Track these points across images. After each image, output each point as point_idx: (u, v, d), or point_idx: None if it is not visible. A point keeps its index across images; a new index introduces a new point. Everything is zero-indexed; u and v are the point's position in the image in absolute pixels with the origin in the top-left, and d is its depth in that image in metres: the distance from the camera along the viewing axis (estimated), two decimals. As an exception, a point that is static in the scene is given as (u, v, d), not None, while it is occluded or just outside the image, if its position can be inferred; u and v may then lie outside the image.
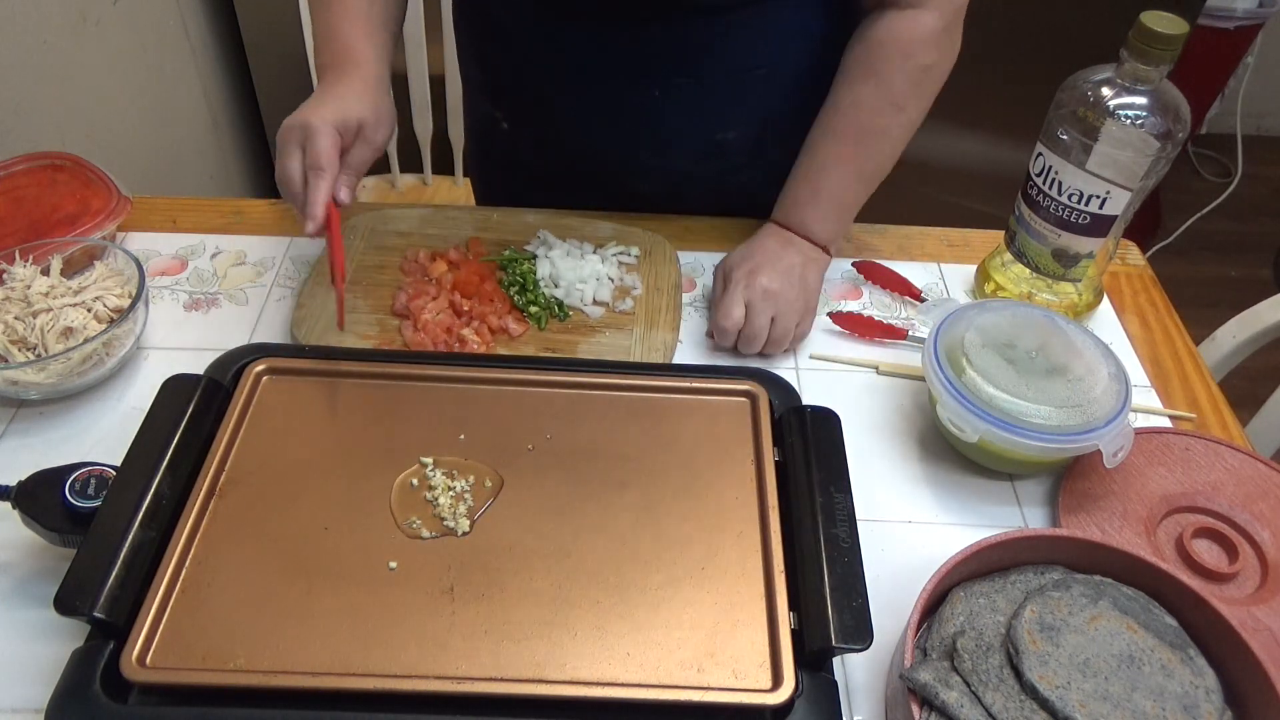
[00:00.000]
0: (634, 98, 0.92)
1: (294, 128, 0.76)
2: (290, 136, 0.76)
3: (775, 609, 0.61)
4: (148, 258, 0.94)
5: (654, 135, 0.95)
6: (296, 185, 0.76)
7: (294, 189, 0.76)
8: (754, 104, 0.92)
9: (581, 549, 0.64)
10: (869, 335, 0.90)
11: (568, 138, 0.99)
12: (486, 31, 0.97)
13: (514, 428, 0.72)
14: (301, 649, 0.58)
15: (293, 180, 0.76)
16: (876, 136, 0.87)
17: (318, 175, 0.75)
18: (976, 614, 0.61)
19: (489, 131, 1.07)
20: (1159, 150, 0.79)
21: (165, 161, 1.60)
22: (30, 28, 1.21)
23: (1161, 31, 0.75)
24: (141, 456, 0.65)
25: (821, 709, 0.57)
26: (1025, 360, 0.76)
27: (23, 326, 0.78)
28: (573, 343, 0.86)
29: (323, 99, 0.78)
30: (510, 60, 0.96)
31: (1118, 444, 0.71)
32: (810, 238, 0.90)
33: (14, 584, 0.67)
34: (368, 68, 0.82)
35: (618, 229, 0.97)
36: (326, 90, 0.80)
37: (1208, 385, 0.89)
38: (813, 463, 0.67)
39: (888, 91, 0.85)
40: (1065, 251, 0.87)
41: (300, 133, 0.75)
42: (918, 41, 0.83)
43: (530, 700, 0.57)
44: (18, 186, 0.93)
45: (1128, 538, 0.73)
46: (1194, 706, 0.56)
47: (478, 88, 1.04)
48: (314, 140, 0.75)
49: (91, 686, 0.55)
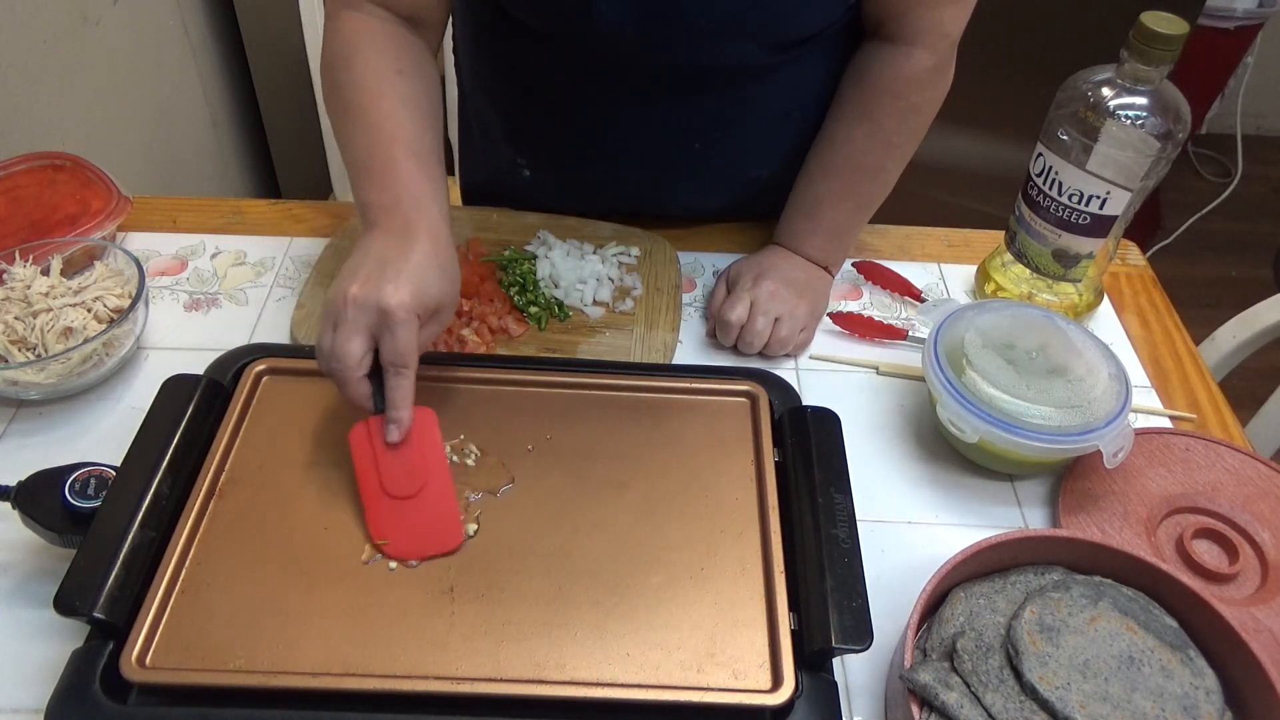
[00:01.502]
0: (675, 153, 0.91)
1: (366, 308, 0.63)
2: (357, 315, 0.63)
3: (775, 609, 0.61)
4: (148, 258, 0.94)
5: (691, 182, 0.95)
6: (354, 372, 0.64)
7: (350, 375, 0.64)
8: (787, 142, 0.92)
9: (581, 549, 0.64)
10: (869, 335, 0.90)
11: (600, 188, 0.97)
12: (517, 90, 0.92)
13: (514, 428, 0.72)
14: (301, 649, 0.58)
15: (350, 364, 0.63)
16: (871, 172, 0.88)
17: (400, 375, 0.64)
18: (976, 614, 0.61)
19: (505, 174, 1.00)
20: (1159, 150, 0.79)
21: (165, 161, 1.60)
22: (30, 28, 1.21)
23: (1161, 32, 0.75)
24: (141, 456, 0.65)
25: (821, 709, 0.57)
26: (1025, 361, 0.76)
27: (23, 327, 0.78)
28: (573, 343, 0.86)
29: (397, 270, 0.64)
30: (545, 122, 0.93)
31: (1118, 444, 0.71)
32: (812, 260, 0.92)
33: (14, 584, 0.67)
34: (438, 225, 0.69)
35: (618, 229, 0.97)
36: (394, 254, 0.66)
37: (1208, 385, 0.89)
38: (813, 463, 0.67)
39: (880, 130, 0.85)
40: (1065, 252, 0.87)
41: (374, 316, 0.63)
42: (911, 81, 0.83)
43: (530, 700, 0.57)
44: (18, 186, 0.93)
45: (1128, 538, 0.73)
46: (1194, 708, 0.56)
47: (498, 133, 0.98)
48: (395, 333, 0.63)
49: (91, 687, 0.55)
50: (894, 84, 0.83)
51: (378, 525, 0.64)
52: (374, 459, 0.66)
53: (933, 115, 0.87)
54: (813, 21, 0.79)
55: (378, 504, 0.65)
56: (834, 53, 0.87)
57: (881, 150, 0.87)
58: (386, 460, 0.65)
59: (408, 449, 0.66)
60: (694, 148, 0.90)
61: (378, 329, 0.64)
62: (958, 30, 0.81)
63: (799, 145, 0.91)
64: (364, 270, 0.64)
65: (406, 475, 0.65)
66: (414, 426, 0.66)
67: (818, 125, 0.90)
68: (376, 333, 0.64)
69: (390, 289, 0.63)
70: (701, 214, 1.02)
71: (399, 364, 0.64)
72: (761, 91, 0.86)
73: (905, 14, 0.80)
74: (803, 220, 0.91)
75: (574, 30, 0.80)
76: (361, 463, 0.66)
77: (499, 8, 0.82)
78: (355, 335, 0.63)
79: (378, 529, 0.64)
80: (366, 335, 0.64)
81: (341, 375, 0.64)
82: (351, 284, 0.64)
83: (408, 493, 0.65)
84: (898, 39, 0.82)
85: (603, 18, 0.76)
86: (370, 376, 0.65)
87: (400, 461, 0.65)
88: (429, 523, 0.64)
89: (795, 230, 0.92)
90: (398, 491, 0.65)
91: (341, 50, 0.76)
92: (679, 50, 0.80)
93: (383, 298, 0.63)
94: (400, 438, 0.65)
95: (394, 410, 0.65)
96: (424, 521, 0.64)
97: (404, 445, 0.66)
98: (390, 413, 0.65)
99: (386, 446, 0.65)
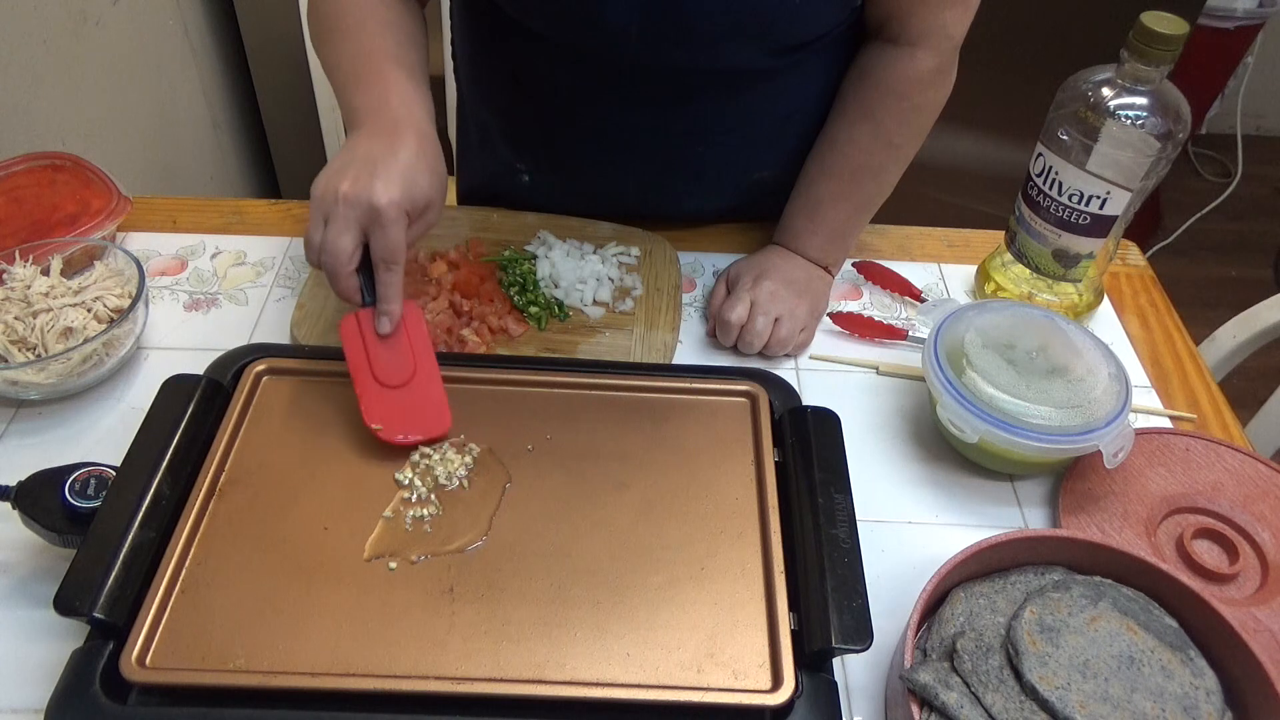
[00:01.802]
0: (676, 155, 0.91)
1: (357, 204, 0.65)
2: (348, 212, 0.65)
3: (775, 609, 0.61)
4: (148, 258, 0.94)
5: (692, 184, 0.95)
6: (345, 267, 0.66)
7: (341, 269, 0.66)
8: (789, 144, 0.92)
9: (581, 549, 0.64)
10: (869, 335, 0.90)
11: (601, 191, 0.97)
12: (517, 93, 0.92)
13: (514, 428, 0.72)
14: (301, 649, 0.58)
15: (341, 259, 0.66)
16: (872, 173, 0.88)
17: (390, 270, 0.67)
18: (976, 615, 0.61)
19: (504, 178, 1.00)
20: (1159, 150, 0.79)
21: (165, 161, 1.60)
22: (30, 28, 1.21)
23: (1161, 32, 0.75)
24: (141, 456, 0.65)
25: (821, 710, 0.57)
26: (1025, 361, 0.76)
27: (23, 327, 0.78)
28: (573, 343, 0.86)
29: (387, 168, 0.66)
30: (545, 125, 0.93)
31: (1118, 444, 0.71)
32: (812, 261, 0.91)
33: (14, 584, 0.67)
34: (424, 124, 0.71)
35: (618, 229, 0.97)
36: (382, 152, 0.67)
37: (1208, 385, 0.89)
38: (813, 463, 0.67)
39: (882, 131, 0.85)
40: (1065, 252, 0.87)
41: (366, 213, 0.65)
42: (913, 82, 0.83)
43: (530, 701, 0.57)
44: (18, 186, 0.93)
45: (1128, 538, 0.73)
46: (1194, 708, 0.56)
47: (497, 136, 0.98)
48: (386, 230, 0.65)
49: (91, 687, 0.55)
50: (897, 85, 0.83)
51: (371, 411, 0.68)
52: (365, 349, 0.69)
53: (935, 116, 0.87)
54: (816, 24, 0.79)
55: (370, 391, 0.68)
56: (836, 55, 0.87)
57: (883, 151, 0.87)
58: (377, 350, 0.69)
59: (397, 340, 0.69)
60: (696, 150, 0.90)
61: (368, 226, 0.66)
62: (960, 32, 0.81)
63: (801, 147, 0.91)
64: (353, 168, 0.66)
65: (397, 364, 0.69)
66: (403, 319, 0.69)
67: (819, 127, 0.90)
68: (367, 229, 0.66)
69: (380, 186, 0.65)
70: (702, 216, 1.01)
71: (390, 260, 0.66)
72: (764, 94, 0.86)
73: (908, 16, 0.80)
74: (803, 220, 0.91)
75: (576, 33, 0.80)
76: (353, 353, 0.69)
77: (499, 10, 0.82)
78: (346, 231, 0.65)
79: (371, 414, 0.68)
80: (357, 231, 0.66)
81: (333, 270, 0.66)
82: (342, 181, 0.65)
83: (399, 381, 0.69)
84: (900, 40, 0.82)
85: (606, 20, 0.76)
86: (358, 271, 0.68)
87: (391, 352, 0.69)
88: (420, 408, 0.69)
89: (795, 230, 0.92)
90: (389, 380, 0.69)
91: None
92: (681, 53, 0.80)
93: (374, 195, 0.65)
94: (392, 329, 0.68)
95: (385, 304, 0.68)
96: (415, 407, 0.68)
97: (394, 337, 0.69)
98: (381, 305, 0.68)
99: (377, 338, 0.69)
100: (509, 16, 0.82)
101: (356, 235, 0.66)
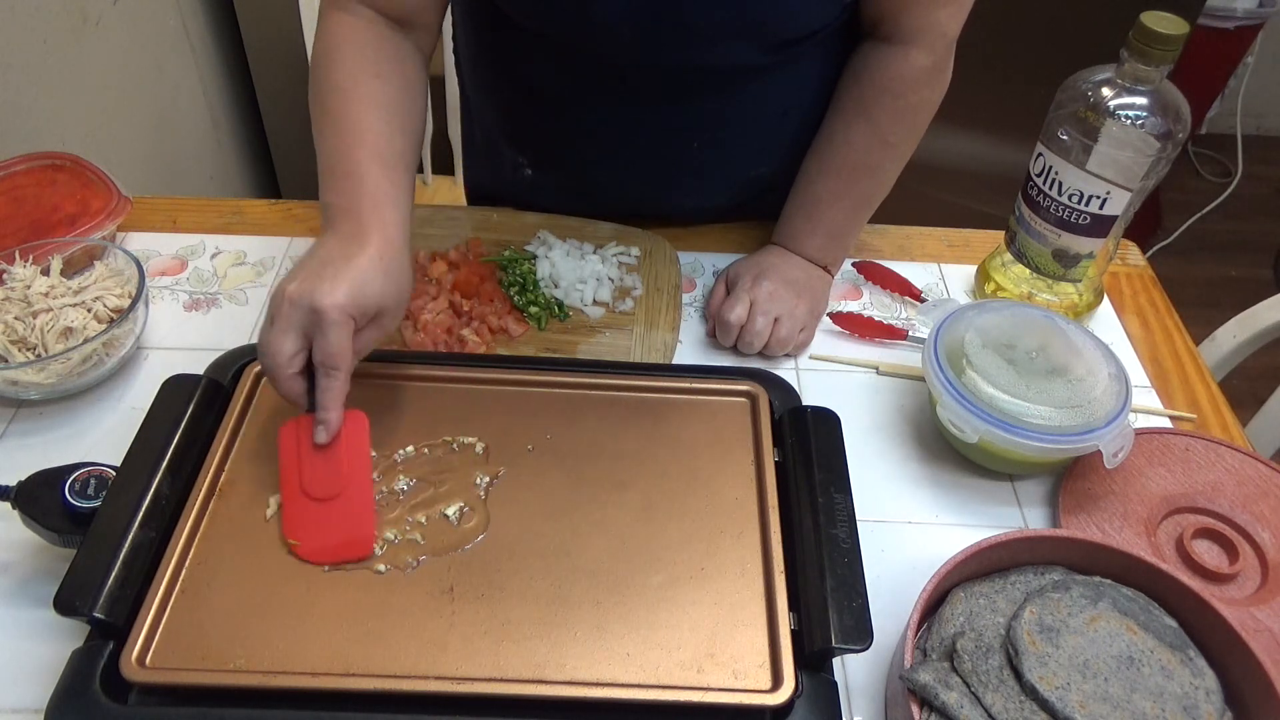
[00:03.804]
0: (673, 152, 0.91)
1: (300, 306, 0.62)
2: (291, 312, 0.63)
3: (775, 609, 0.61)
4: (148, 258, 0.94)
5: (690, 181, 0.95)
6: (285, 369, 0.63)
7: (280, 372, 0.63)
8: (786, 140, 0.92)
9: (581, 549, 0.64)
10: (869, 335, 0.90)
11: (600, 187, 0.97)
12: (517, 91, 0.92)
13: (514, 428, 0.72)
14: (301, 649, 0.58)
15: (280, 361, 0.63)
16: (869, 171, 0.88)
17: (330, 376, 0.63)
18: (976, 615, 0.61)
19: (507, 172, 1.00)
20: (1159, 150, 0.79)
21: (165, 161, 1.60)
22: (30, 28, 1.21)
23: (1161, 32, 0.75)
24: (141, 456, 0.65)
25: (821, 710, 0.57)
26: (1025, 361, 0.76)
27: (23, 326, 0.78)
28: (573, 343, 0.86)
29: (336, 270, 0.64)
30: (544, 122, 0.93)
31: (1118, 444, 0.71)
32: (811, 260, 0.92)
33: (14, 584, 0.67)
34: (392, 229, 0.68)
35: (618, 229, 0.97)
36: (338, 255, 0.65)
37: (1208, 385, 0.89)
38: (813, 463, 0.67)
39: (879, 130, 0.85)
40: (1065, 252, 0.87)
41: (306, 315, 0.62)
42: (908, 80, 0.83)
43: (530, 700, 0.57)
44: (18, 186, 0.93)
45: (1128, 538, 0.73)
46: (1194, 708, 0.56)
47: (499, 132, 0.99)
48: (327, 334, 0.62)
49: (91, 687, 0.55)
50: (892, 84, 0.83)
51: (290, 524, 0.64)
52: (298, 457, 0.65)
53: (931, 115, 0.87)
54: (810, 22, 0.79)
55: (295, 503, 0.64)
56: (832, 52, 0.87)
57: (880, 150, 0.87)
58: (310, 460, 0.65)
59: (333, 451, 0.65)
60: (692, 146, 0.90)
61: (310, 328, 0.63)
62: (955, 30, 0.81)
63: (798, 144, 0.91)
64: (305, 269, 0.64)
65: (328, 478, 0.65)
66: (343, 430, 0.65)
67: (816, 124, 0.90)
68: (310, 332, 0.63)
69: (326, 288, 0.62)
70: (701, 213, 1.02)
71: (329, 365, 0.63)
72: (759, 91, 0.86)
73: (901, 14, 0.80)
74: (802, 220, 0.91)
75: (570, 31, 0.80)
76: (286, 459, 0.66)
77: (496, 8, 0.82)
78: (288, 332, 0.63)
79: (290, 528, 0.64)
80: (299, 334, 0.63)
81: (271, 370, 0.64)
82: (291, 282, 0.63)
83: (326, 495, 0.64)
84: (894, 39, 0.82)
85: (599, 18, 0.76)
86: (307, 375, 0.65)
87: (324, 463, 0.65)
88: (342, 528, 0.63)
89: (794, 230, 0.92)
90: (316, 493, 0.64)
91: (323, 52, 0.76)
92: (676, 50, 0.80)
93: (316, 297, 0.62)
94: (327, 439, 0.65)
95: (322, 411, 0.64)
96: (337, 526, 0.63)
97: (330, 447, 0.65)
98: (319, 414, 0.64)
99: (313, 446, 0.65)
100: (505, 14, 0.82)
101: (298, 337, 0.63)
